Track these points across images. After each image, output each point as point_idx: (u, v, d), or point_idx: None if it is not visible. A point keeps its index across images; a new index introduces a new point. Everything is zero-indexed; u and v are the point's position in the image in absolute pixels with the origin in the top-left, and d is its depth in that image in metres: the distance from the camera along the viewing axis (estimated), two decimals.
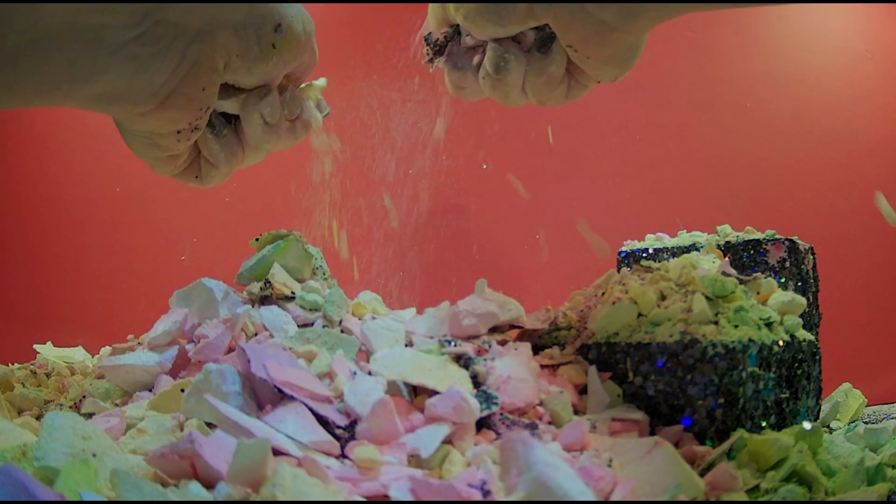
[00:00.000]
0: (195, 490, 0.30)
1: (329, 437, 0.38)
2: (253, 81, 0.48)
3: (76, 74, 0.39)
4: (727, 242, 0.61)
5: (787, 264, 0.58)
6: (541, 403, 0.42)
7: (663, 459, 0.34)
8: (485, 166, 0.90)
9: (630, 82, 0.91)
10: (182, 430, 0.40)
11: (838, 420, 0.65)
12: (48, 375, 0.59)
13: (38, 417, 0.49)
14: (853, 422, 0.63)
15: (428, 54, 0.51)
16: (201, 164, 0.51)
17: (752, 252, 0.60)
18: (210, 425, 0.39)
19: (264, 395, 0.41)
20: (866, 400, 0.67)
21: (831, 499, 0.36)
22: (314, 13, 0.50)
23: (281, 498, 0.28)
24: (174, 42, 0.41)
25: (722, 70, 0.92)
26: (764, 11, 0.93)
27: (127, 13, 0.39)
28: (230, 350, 0.47)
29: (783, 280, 0.58)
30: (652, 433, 0.42)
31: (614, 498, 0.32)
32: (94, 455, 0.33)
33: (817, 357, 0.50)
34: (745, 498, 0.34)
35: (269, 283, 0.51)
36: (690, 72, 0.92)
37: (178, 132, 0.45)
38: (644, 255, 0.63)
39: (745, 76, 0.92)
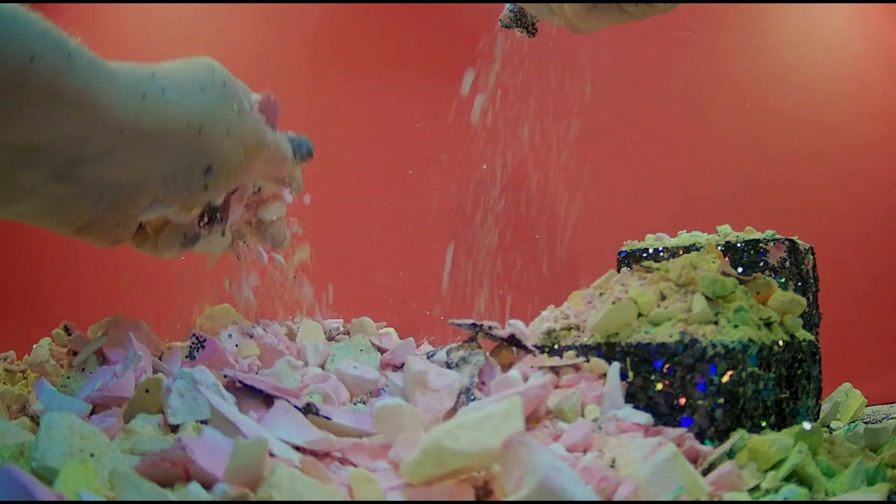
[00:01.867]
0: (195, 490, 0.30)
1: (323, 435, 0.38)
2: (193, 214, 0.49)
3: None
4: (727, 242, 0.61)
5: (787, 264, 0.58)
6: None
7: (666, 460, 0.33)
8: (485, 166, 0.90)
9: (630, 82, 0.92)
10: (166, 425, 0.40)
11: (838, 420, 0.64)
12: None
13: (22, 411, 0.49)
14: (853, 422, 0.63)
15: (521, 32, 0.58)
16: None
17: (752, 252, 0.60)
18: (203, 422, 0.39)
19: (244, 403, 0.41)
20: (866, 400, 0.67)
21: (831, 499, 0.36)
22: (314, 13, 0.50)
23: (278, 498, 0.28)
24: (96, 183, 0.41)
25: (722, 70, 0.92)
26: (764, 11, 0.93)
27: (45, 166, 0.38)
28: None
29: (783, 280, 0.58)
30: None
31: (617, 498, 0.32)
32: (91, 455, 0.32)
33: (817, 357, 0.50)
34: (745, 498, 0.34)
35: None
36: (690, 72, 0.92)
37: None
38: (644, 255, 0.63)
39: (745, 76, 0.92)
